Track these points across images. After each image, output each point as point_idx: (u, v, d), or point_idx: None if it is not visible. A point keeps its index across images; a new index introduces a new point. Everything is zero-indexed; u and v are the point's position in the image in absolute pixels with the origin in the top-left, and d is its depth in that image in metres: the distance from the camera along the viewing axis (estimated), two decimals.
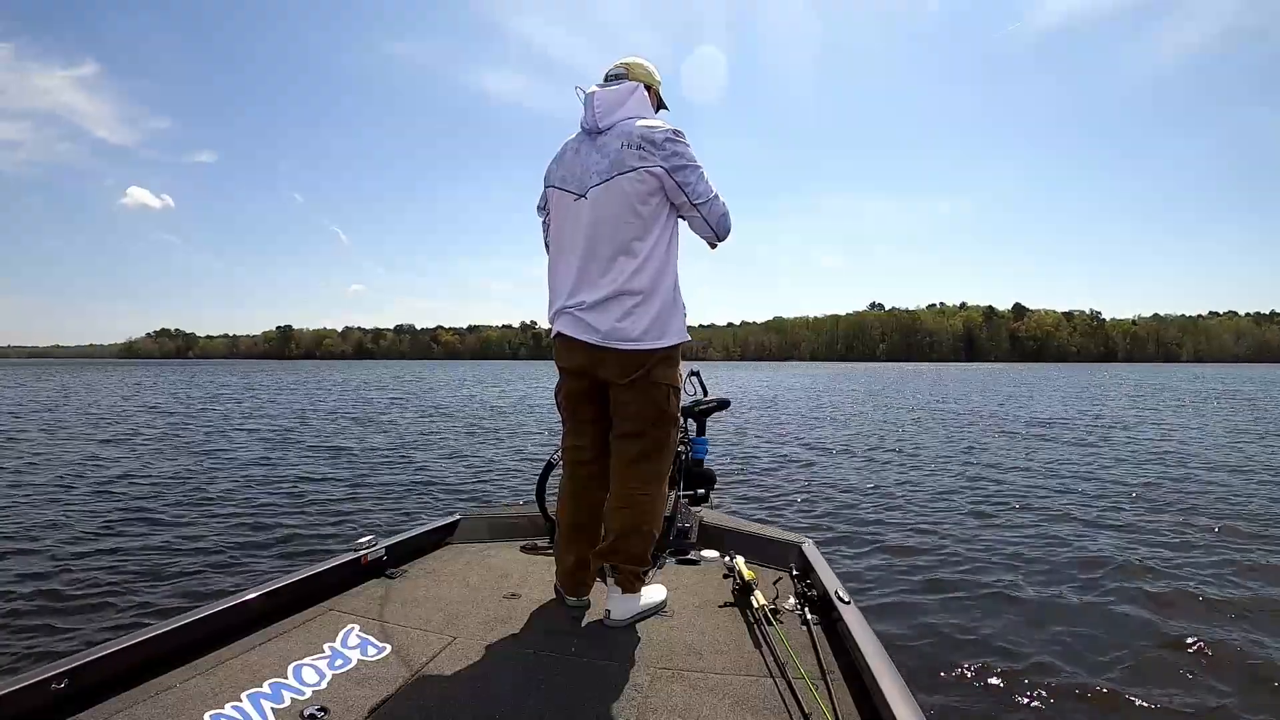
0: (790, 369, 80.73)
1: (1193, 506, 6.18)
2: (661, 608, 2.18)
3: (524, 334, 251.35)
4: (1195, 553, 4.71)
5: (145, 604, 3.72)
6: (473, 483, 7.56)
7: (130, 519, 5.61)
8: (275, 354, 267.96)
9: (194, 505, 6.15)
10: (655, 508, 2.14)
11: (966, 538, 5.12)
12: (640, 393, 2.09)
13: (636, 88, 2.19)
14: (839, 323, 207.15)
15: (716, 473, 3.03)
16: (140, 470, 8.06)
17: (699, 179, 2.08)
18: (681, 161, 2.06)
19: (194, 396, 23.36)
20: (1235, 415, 16.30)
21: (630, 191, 2.04)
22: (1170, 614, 3.62)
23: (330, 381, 38.06)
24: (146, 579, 4.12)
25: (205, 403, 20.33)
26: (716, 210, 2.13)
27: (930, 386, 32.86)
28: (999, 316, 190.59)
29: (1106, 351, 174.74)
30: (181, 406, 18.85)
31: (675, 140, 2.07)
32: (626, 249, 2.05)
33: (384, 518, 5.79)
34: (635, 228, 2.06)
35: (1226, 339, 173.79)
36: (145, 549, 4.74)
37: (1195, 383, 36.93)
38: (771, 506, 6.31)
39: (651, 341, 2.06)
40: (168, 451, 9.78)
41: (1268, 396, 24.35)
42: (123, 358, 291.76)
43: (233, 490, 6.90)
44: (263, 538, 5.08)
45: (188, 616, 1.84)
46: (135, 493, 6.70)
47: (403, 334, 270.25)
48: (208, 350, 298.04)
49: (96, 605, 3.70)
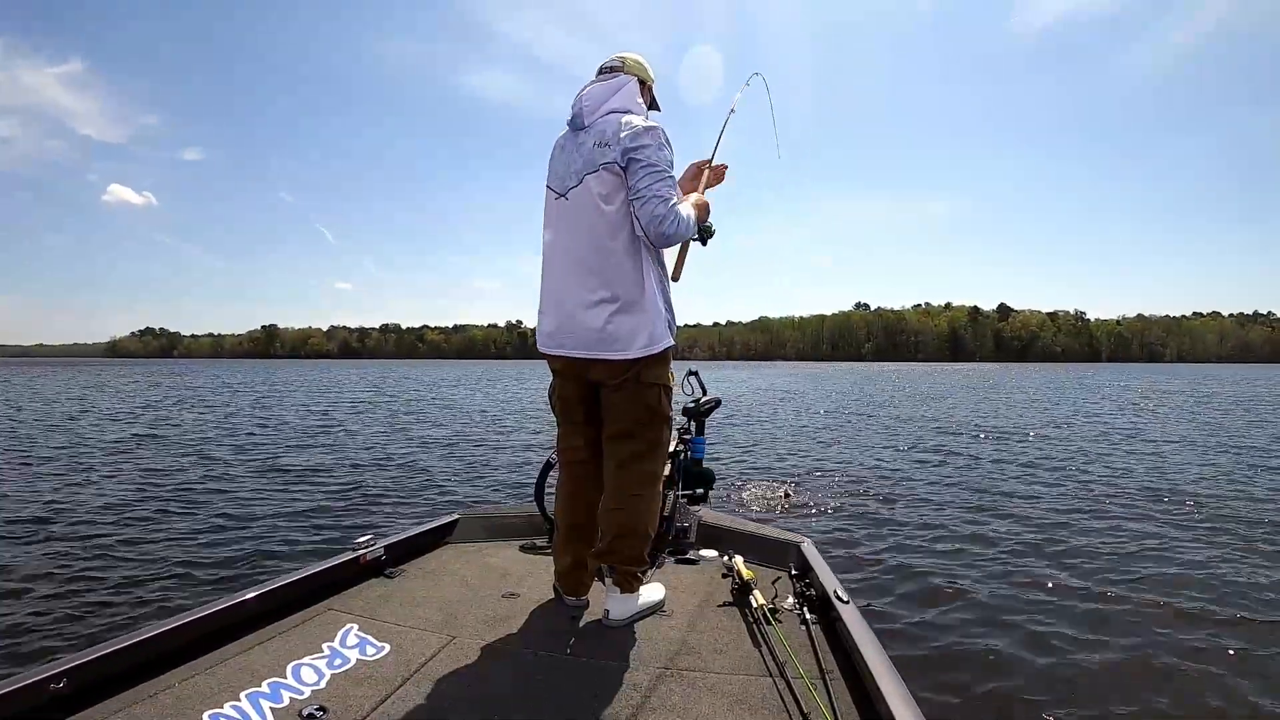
0: (772, 369, 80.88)
1: (1193, 507, 6.17)
2: (660, 607, 2.18)
3: (510, 333, 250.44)
4: (1194, 554, 4.69)
5: (145, 604, 3.71)
6: (472, 483, 7.53)
7: (129, 519, 5.59)
8: (260, 353, 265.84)
9: (193, 505, 6.13)
10: (649, 508, 2.12)
11: (966, 538, 5.13)
12: (630, 394, 2.06)
13: (628, 81, 2.13)
14: (824, 322, 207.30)
15: (715, 472, 3.01)
16: (139, 471, 8.00)
17: (646, 176, 1.95)
18: (637, 156, 1.96)
19: (191, 397, 23.09)
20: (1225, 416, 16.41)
21: (597, 191, 2.00)
22: (1171, 613, 3.62)
23: (321, 381, 37.91)
24: (145, 579, 4.10)
25: (201, 402, 20.15)
26: (648, 210, 1.93)
27: (925, 386, 32.92)
28: (984, 317, 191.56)
29: (1091, 352, 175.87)
30: (177, 406, 18.66)
31: (639, 135, 1.98)
32: (601, 250, 2.00)
33: (383, 517, 5.78)
34: (607, 228, 2.00)
35: (1210, 340, 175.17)
36: (144, 549, 4.71)
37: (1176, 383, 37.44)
38: (770, 506, 6.31)
39: (639, 350, 2.01)
40: (166, 452, 9.67)
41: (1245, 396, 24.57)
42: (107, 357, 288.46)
43: (231, 490, 6.85)
44: (262, 537, 5.06)
45: (187, 616, 1.84)
46: (134, 493, 6.65)
47: (388, 333, 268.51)
48: (192, 350, 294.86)
49: (96, 605, 3.68)
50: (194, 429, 12.72)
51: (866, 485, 7.27)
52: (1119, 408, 19.00)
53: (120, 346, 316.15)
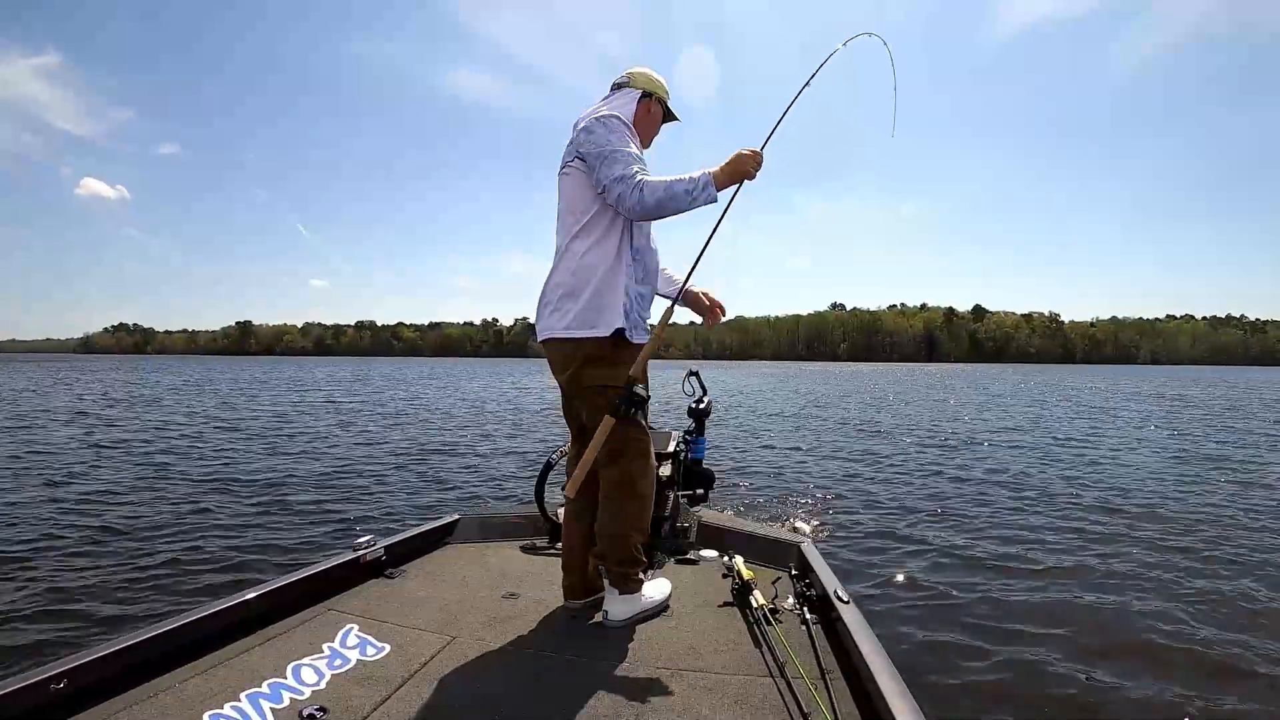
0: (748, 369, 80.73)
1: (1193, 506, 6.18)
2: (663, 609, 2.17)
3: (486, 331, 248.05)
4: (1195, 552, 4.70)
5: (145, 604, 3.70)
6: (472, 483, 7.48)
7: (129, 519, 5.53)
8: (235, 349, 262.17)
9: (192, 506, 6.08)
10: (624, 510, 2.10)
11: (965, 537, 5.12)
12: (584, 397, 2.11)
13: (624, 92, 2.20)
14: (800, 323, 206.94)
15: (715, 472, 3.01)
16: (138, 471, 7.92)
17: (599, 166, 1.99)
18: (591, 146, 2.01)
19: (185, 396, 22.52)
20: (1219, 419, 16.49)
21: (563, 186, 2.10)
22: (1170, 613, 3.61)
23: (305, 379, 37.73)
24: (146, 579, 4.08)
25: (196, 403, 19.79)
26: (611, 196, 1.99)
27: (919, 387, 33.11)
28: (959, 318, 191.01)
29: (1065, 353, 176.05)
30: (170, 405, 18.41)
31: (590, 128, 2.04)
32: (566, 244, 2.09)
33: (383, 518, 5.76)
34: (570, 222, 2.09)
35: (1183, 341, 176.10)
36: (144, 549, 4.68)
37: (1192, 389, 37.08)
38: (770, 506, 6.29)
39: (576, 331, 2.03)
40: (165, 453, 9.53)
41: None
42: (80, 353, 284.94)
43: (231, 491, 6.79)
44: (261, 538, 5.03)
45: (187, 616, 1.83)
46: (134, 494, 6.61)
47: (364, 330, 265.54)
48: (166, 346, 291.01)
49: (96, 605, 3.66)
50: (190, 428, 12.55)
51: (867, 485, 7.26)
52: (1118, 410, 18.59)
53: (94, 342, 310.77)
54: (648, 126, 2.24)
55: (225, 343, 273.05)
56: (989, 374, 58.82)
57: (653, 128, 2.27)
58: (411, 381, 34.58)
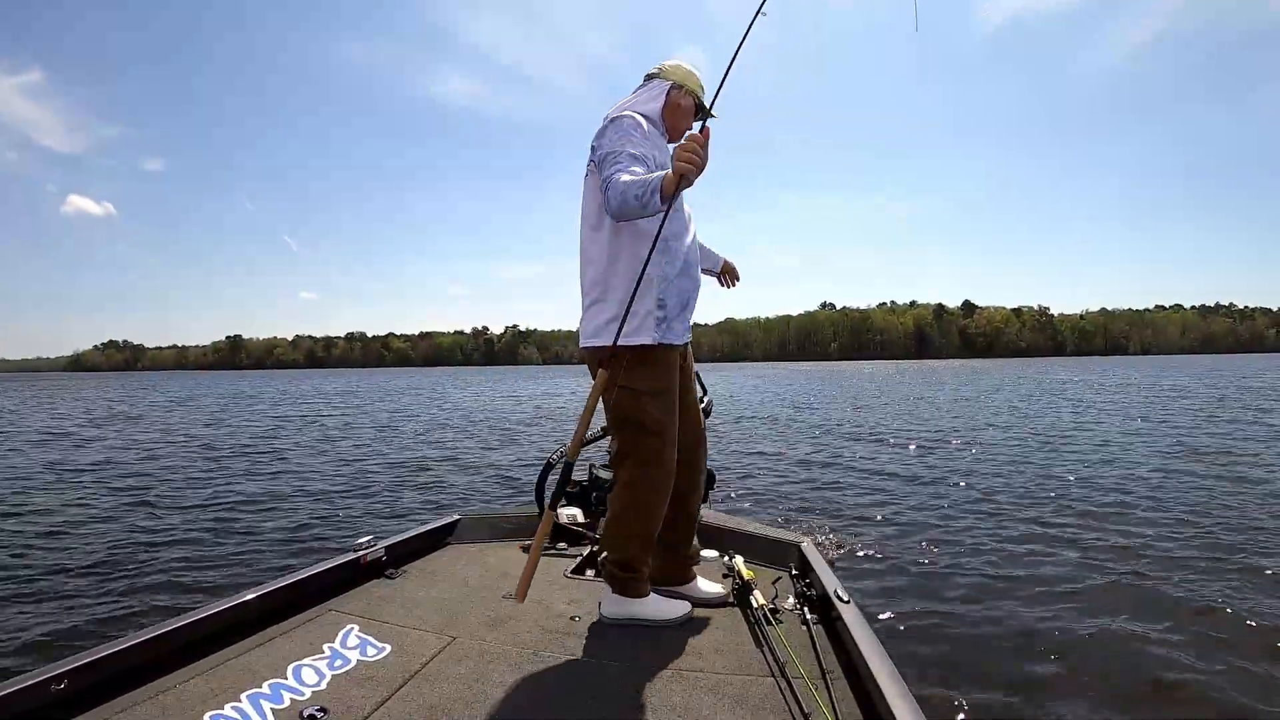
0: (740, 370, 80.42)
1: (1193, 505, 6.02)
2: (657, 624, 2.10)
3: (476, 339, 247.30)
4: (1192, 552, 4.59)
5: (145, 604, 3.71)
6: (472, 484, 7.52)
7: (129, 520, 5.56)
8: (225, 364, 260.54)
9: (193, 506, 6.12)
10: (622, 508, 2.10)
11: (966, 537, 5.07)
12: (608, 396, 2.11)
13: (655, 83, 2.19)
14: (790, 323, 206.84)
15: (715, 472, 3.02)
16: (139, 472, 7.99)
17: (604, 161, 1.97)
18: (601, 151, 2.01)
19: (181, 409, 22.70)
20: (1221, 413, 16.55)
21: (585, 191, 2.10)
22: (1176, 614, 3.56)
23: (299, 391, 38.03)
24: (146, 580, 4.10)
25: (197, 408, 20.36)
26: (604, 193, 1.95)
27: (914, 386, 32.81)
28: (949, 314, 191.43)
29: (1055, 346, 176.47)
30: (171, 412, 18.76)
31: (603, 129, 2.05)
32: (586, 248, 2.10)
33: (383, 519, 5.77)
34: (589, 226, 2.10)
35: (1172, 332, 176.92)
36: (144, 550, 4.69)
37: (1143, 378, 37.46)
38: (770, 506, 6.27)
39: (601, 339, 2.05)
40: (165, 454, 9.63)
41: None
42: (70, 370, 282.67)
43: (231, 492, 6.83)
44: (262, 539, 5.05)
45: (187, 617, 1.83)
46: (134, 495, 6.64)
47: (354, 341, 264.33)
48: (156, 361, 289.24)
49: (97, 605, 3.68)
50: (192, 434, 12.63)
51: (867, 485, 7.21)
52: (1118, 405, 18.37)
53: (83, 360, 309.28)
54: (677, 119, 2.21)
55: (216, 357, 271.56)
56: (981, 369, 59.04)
57: (683, 119, 2.23)
58: (404, 391, 34.70)
